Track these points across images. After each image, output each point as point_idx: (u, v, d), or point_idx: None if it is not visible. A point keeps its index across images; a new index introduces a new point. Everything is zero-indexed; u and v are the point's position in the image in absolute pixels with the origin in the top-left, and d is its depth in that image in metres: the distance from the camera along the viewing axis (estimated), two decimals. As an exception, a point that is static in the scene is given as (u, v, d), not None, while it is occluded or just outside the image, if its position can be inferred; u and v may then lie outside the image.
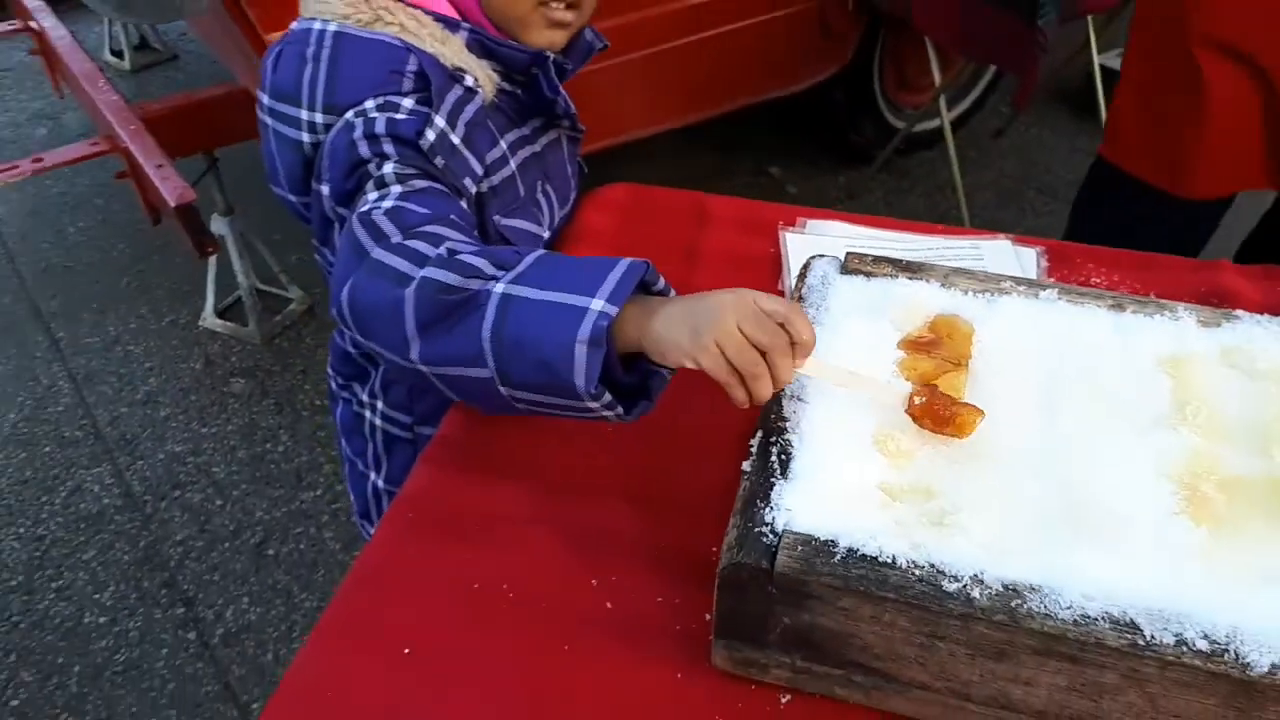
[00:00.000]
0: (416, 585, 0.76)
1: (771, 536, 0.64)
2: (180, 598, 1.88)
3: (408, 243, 0.76)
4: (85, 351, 2.52)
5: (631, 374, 0.74)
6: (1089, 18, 2.89)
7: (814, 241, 1.14)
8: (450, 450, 0.89)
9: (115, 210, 3.03)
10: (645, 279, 0.72)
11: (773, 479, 0.68)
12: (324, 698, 0.68)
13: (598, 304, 0.68)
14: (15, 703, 1.70)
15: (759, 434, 0.72)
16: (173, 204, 1.96)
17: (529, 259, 0.74)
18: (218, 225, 2.46)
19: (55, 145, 3.33)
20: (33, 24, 2.63)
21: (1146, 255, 1.13)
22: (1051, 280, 0.87)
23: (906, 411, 0.73)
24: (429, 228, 0.80)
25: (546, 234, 1.10)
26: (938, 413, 0.73)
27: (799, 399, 0.74)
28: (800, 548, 0.63)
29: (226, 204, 2.44)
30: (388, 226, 0.79)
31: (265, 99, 0.97)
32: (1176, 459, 0.71)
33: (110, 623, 1.83)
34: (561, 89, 1.04)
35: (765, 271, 1.10)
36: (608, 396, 0.70)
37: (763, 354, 0.68)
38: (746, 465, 0.70)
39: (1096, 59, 3.04)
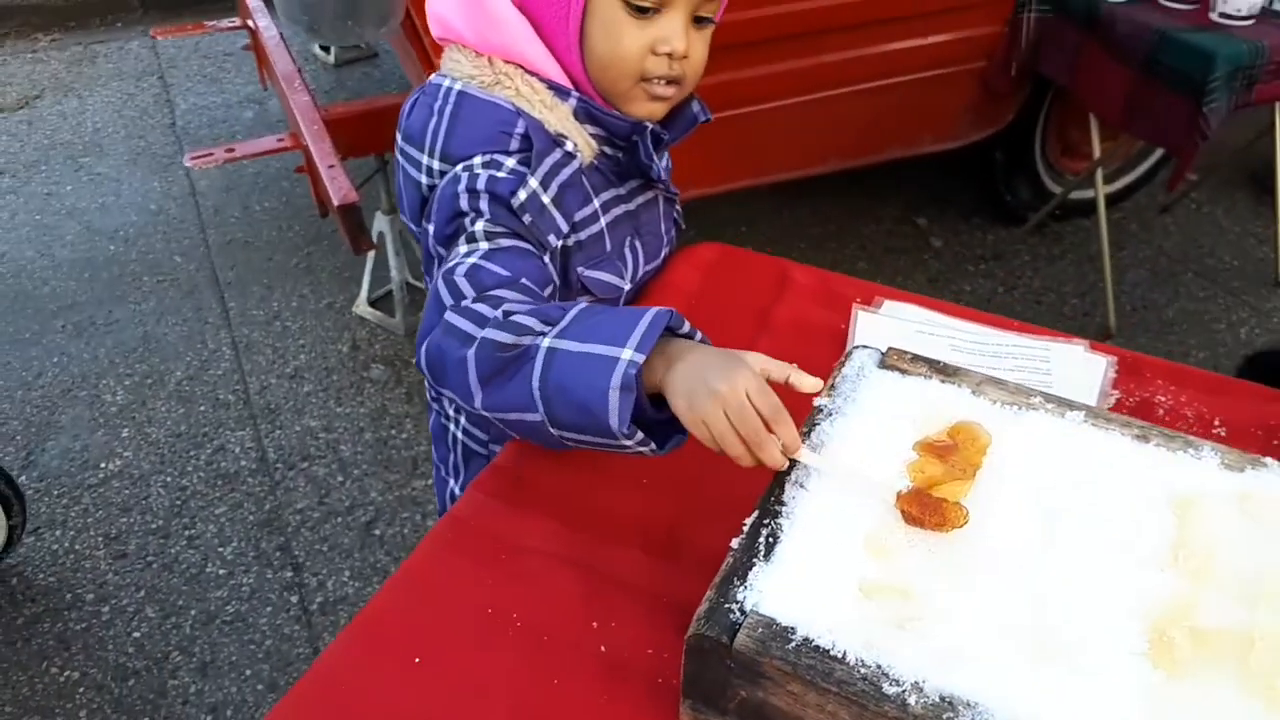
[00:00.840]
0: (440, 601, 0.85)
1: (738, 614, 0.70)
2: (291, 562, 2.07)
3: (475, 306, 0.88)
4: (250, 322, 2.78)
5: (663, 410, 0.83)
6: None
7: (884, 322, 1.17)
8: (499, 480, 0.98)
9: (298, 195, 3.31)
10: (670, 324, 0.81)
11: (754, 559, 0.73)
12: (333, 695, 0.78)
13: (627, 353, 0.78)
14: (136, 635, 1.91)
15: (754, 514, 0.77)
16: (336, 203, 2.16)
17: (571, 314, 0.84)
18: (379, 222, 2.67)
19: (260, 128, 3.70)
20: (250, 22, 2.93)
21: (1221, 379, 1.10)
22: (1081, 402, 0.87)
23: (896, 504, 0.77)
24: (499, 291, 0.91)
25: (628, 286, 1.18)
26: (924, 504, 0.76)
27: (801, 485, 0.79)
28: (760, 629, 0.68)
29: (390, 203, 2.64)
30: (465, 287, 0.91)
31: (399, 139, 1.10)
32: (1156, 600, 0.72)
33: (228, 575, 2.04)
34: (656, 156, 1.12)
35: (830, 346, 1.14)
36: (640, 435, 0.80)
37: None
38: (735, 542, 0.75)
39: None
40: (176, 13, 4.59)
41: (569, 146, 1.03)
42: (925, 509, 0.77)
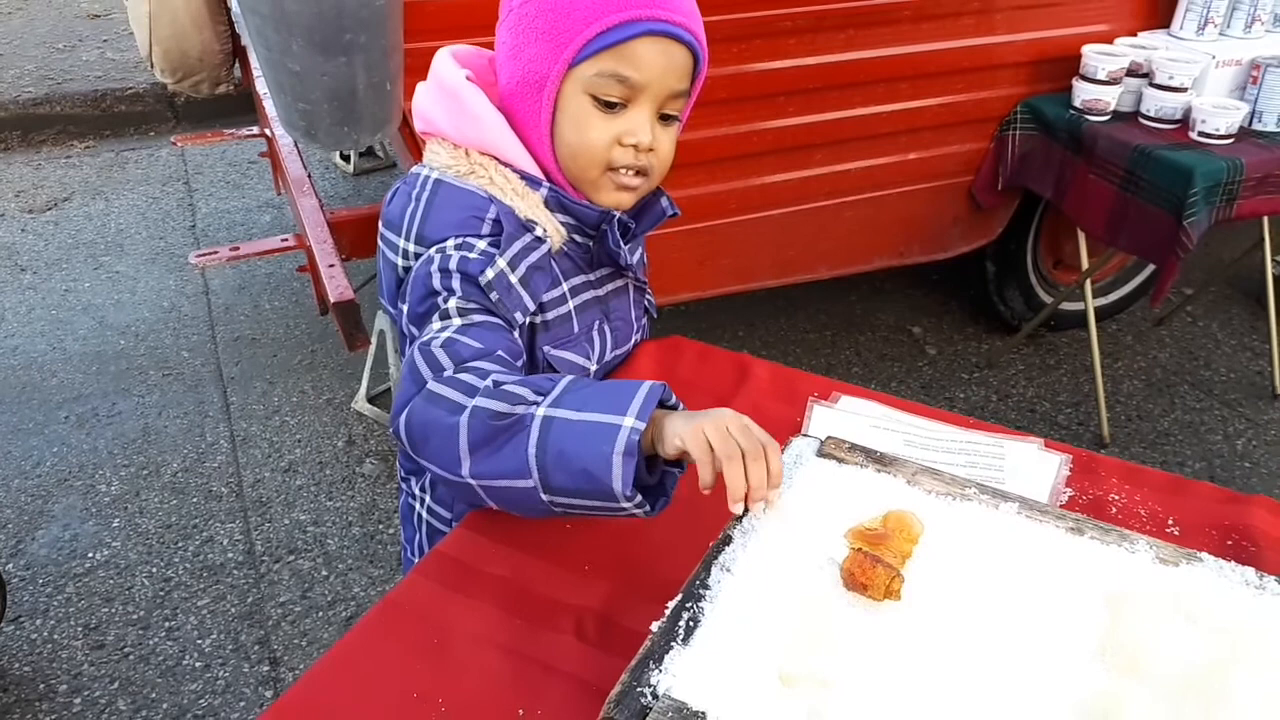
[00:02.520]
0: (365, 685, 0.85)
1: (649, 698, 0.69)
2: (269, 656, 2.05)
3: (459, 375, 0.91)
4: (249, 416, 2.81)
5: (652, 474, 0.87)
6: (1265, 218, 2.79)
7: (839, 417, 1.18)
8: (441, 565, 0.98)
9: (307, 295, 3.39)
10: (662, 398, 0.87)
11: (672, 643, 0.73)
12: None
13: (629, 421, 0.82)
14: (106, 726, 1.89)
15: (679, 597, 0.78)
16: (333, 299, 2.21)
17: (561, 385, 0.88)
18: (380, 321, 2.73)
19: (275, 230, 3.82)
20: (267, 130, 3.06)
21: (1177, 479, 1.10)
22: (1016, 494, 0.88)
23: (841, 565, 0.78)
24: (478, 363, 0.95)
25: (594, 367, 1.21)
26: (861, 569, 0.77)
27: (727, 570, 0.79)
28: (670, 714, 0.68)
29: (389, 303, 2.70)
30: (443, 359, 0.94)
31: (380, 225, 1.16)
32: (1084, 696, 0.71)
33: (204, 668, 2.02)
34: (624, 244, 1.16)
35: (783, 439, 1.15)
36: (639, 497, 0.83)
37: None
38: (655, 625, 0.75)
39: (1270, 262, 2.91)
40: (209, 123, 4.80)
41: (539, 232, 1.08)
42: (859, 575, 0.78)
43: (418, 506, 1.28)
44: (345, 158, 4.43)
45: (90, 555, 2.30)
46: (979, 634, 0.76)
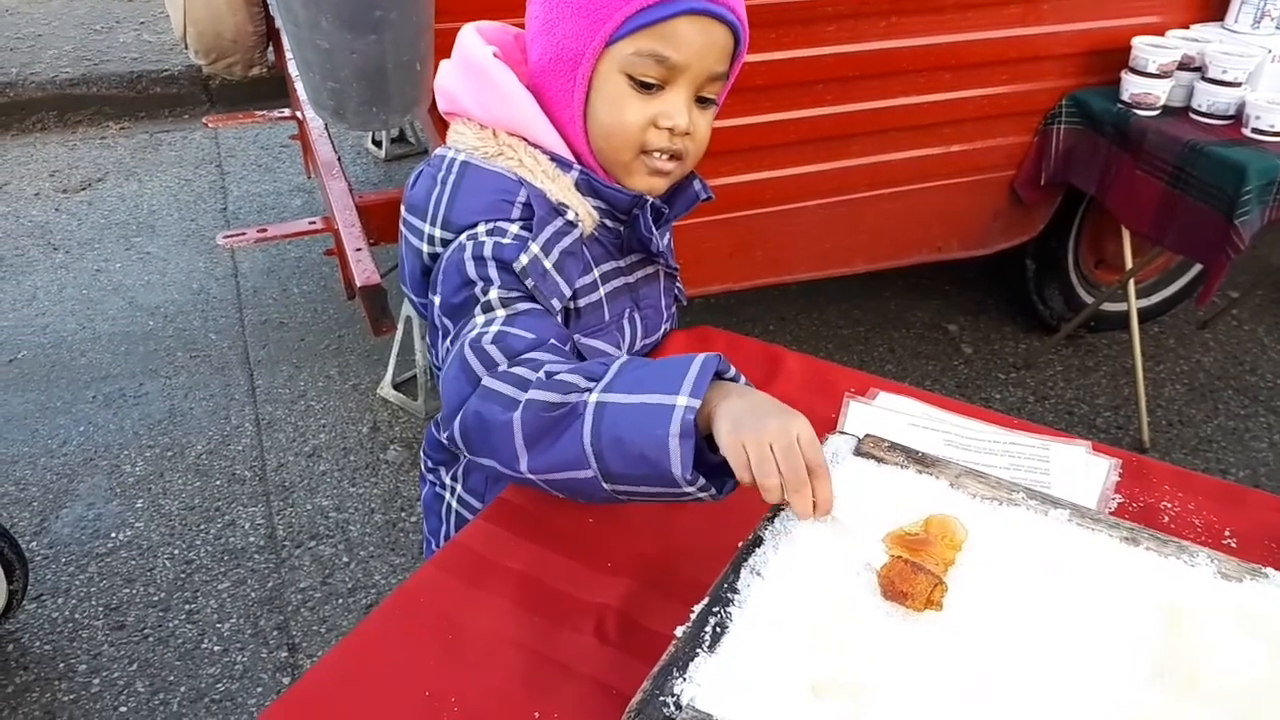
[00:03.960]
0: (375, 682, 0.81)
1: (673, 708, 0.65)
2: (287, 642, 2.03)
3: (513, 369, 0.88)
4: (275, 400, 2.80)
5: (717, 453, 0.82)
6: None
7: (877, 414, 1.14)
8: (458, 556, 0.94)
9: (334, 280, 3.37)
10: (718, 369, 0.82)
11: (697, 650, 0.69)
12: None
13: (683, 400, 0.78)
14: (123, 709, 1.88)
15: (704, 601, 0.73)
16: (359, 283, 2.18)
17: (614, 368, 0.85)
18: (408, 306, 2.70)
19: (307, 215, 3.80)
20: (299, 113, 3.04)
21: (1233, 487, 1.04)
22: (1067, 500, 0.82)
23: (877, 573, 0.74)
24: (533, 354, 0.91)
25: (624, 357, 1.17)
26: (901, 577, 0.72)
27: (757, 573, 0.75)
28: (694, 724, 0.64)
29: (417, 289, 2.67)
30: (496, 354, 0.91)
31: (403, 210, 1.12)
32: (1138, 715, 0.66)
33: (223, 652, 2.00)
34: (655, 230, 1.12)
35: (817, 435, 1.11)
36: (702, 480, 0.79)
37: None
38: (679, 630, 0.71)
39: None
40: (242, 106, 4.80)
41: (570, 216, 1.04)
42: (900, 584, 0.73)
43: (447, 497, 1.24)
44: (377, 143, 4.42)
45: (113, 535, 2.30)
46: (1024, 648, 0.71)
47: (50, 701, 1.89)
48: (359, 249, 2.31)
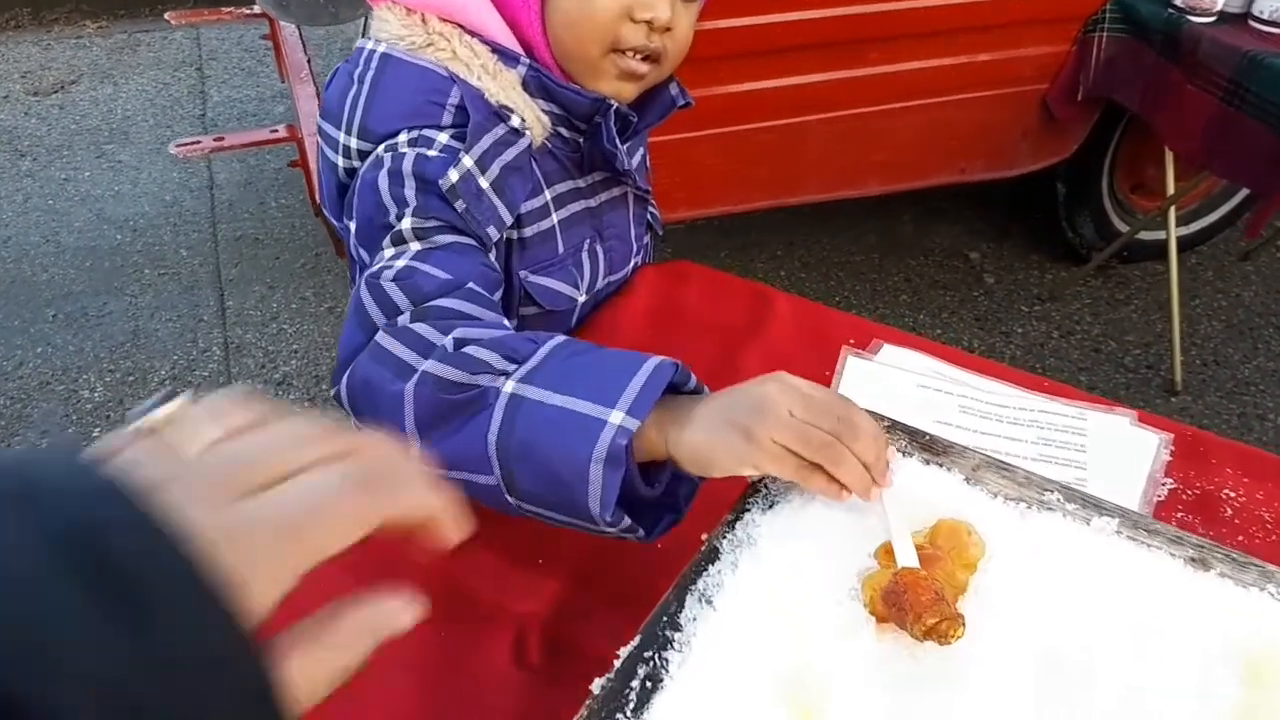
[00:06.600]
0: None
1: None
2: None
3: (414, 326, 0.70)
4: (245, 323, 2.63)
5: (655, 485, 0.65)
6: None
7: (879, 371, 0.95)
8: (356, 547, 0.77)
9: (314, 193, 3.18)
10: (675, 380, 0.63)
11: (618, 712, 0.52)
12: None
13: (617, 416, 0.60)
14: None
15: (636, 641, 0.56)
16: (318, 199, 1.99)
17: (544, 349, 0.66)
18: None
19: (289, 121, 3.58)
20: (270, 11, 2.81)
21: (1312, 473, 0.86)
22: (1115, 504, 0.64)
23: (862, 590, 0.57)
24: (444, 301, 0.73)
25: (583, 297, 0.99)
26: (914, 596, 0.55)
27: (708, 602, 0.57)
28: (606, 823, 0.47)
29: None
30: (398, 296, 0.73)
31: (318, 117, 0.94)
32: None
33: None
34: (621, 143, 0.93)
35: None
36: (626, 521, 0.62)
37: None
38: (598, 684, 0.54)
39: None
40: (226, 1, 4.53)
41: (515, 122, 0.85)
42: (909, 605, 0.55)
43: None
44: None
45: (65, 467, 2.15)
46: (1054, 704, 0.54)
47: None
48: (324, 161, 2.11)
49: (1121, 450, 0.87)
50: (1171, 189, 2.33)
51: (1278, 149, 1.95)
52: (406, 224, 0.79)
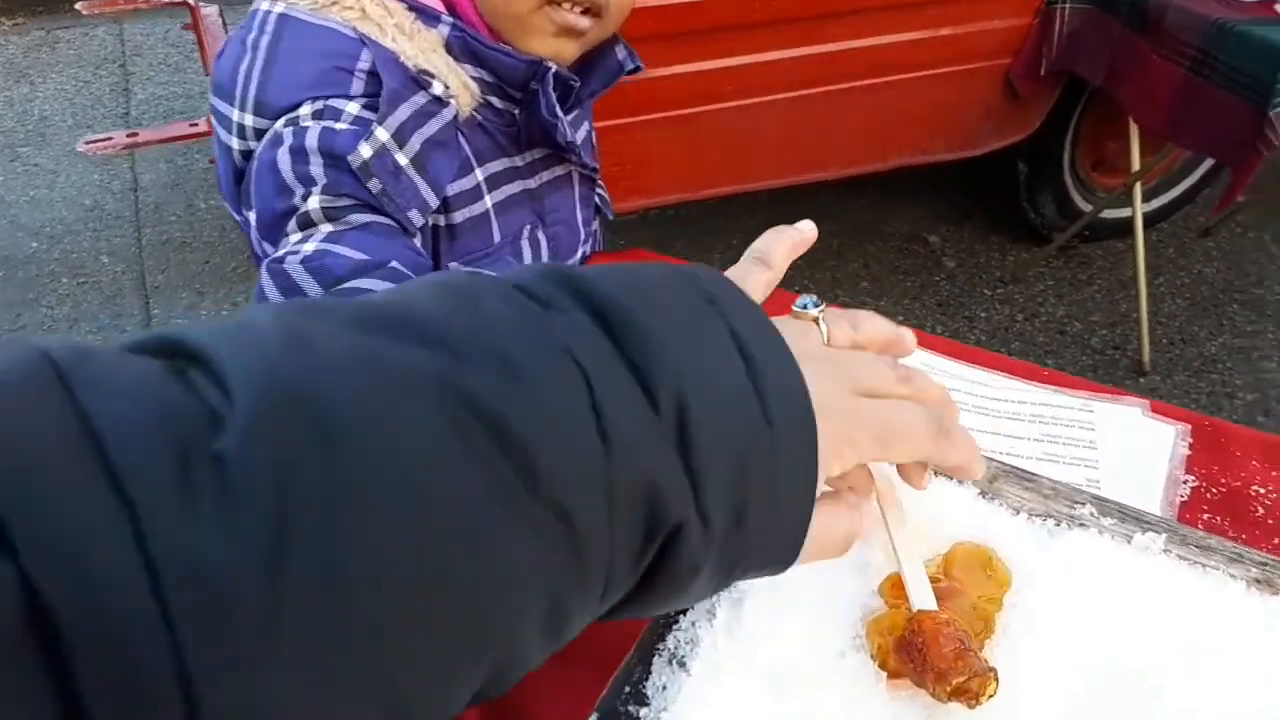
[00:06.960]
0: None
1: None
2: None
3: None
4: (172, 332, 2.47)
5: None
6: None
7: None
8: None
9: (247, 192, 3.02)
10: None
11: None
12: None
13: None
14: None
15: (593, 715, 0.45)
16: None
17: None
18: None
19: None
20: (190, 1, 2.65)
21: (1348, 465, 0.77)
22: (1160, 517, 0.54)
23: (867, 634, 0.46)
24: (360, 282, 0.63)
25: None
26: (934, 650, 0.44)
27: (680, 665, 0.46)
28: None
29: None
30: (306, 282, 0.63)
31: (210, 94, 0.82)
32: None
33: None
34: (562, 113, 0.82)
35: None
36: None
37: None
38: (546, 774, 0.43)
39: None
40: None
41: (437, 90, 0.74)
42: (927, 658, 0.44)
43: None
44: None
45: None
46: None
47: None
48: (247, 155, 1.96)
49: (1135, 445, 0.78)
50: (1137, 164, 2.27)
51: (1249, 119, 1.88)
52: (314, 203, 0.68)
